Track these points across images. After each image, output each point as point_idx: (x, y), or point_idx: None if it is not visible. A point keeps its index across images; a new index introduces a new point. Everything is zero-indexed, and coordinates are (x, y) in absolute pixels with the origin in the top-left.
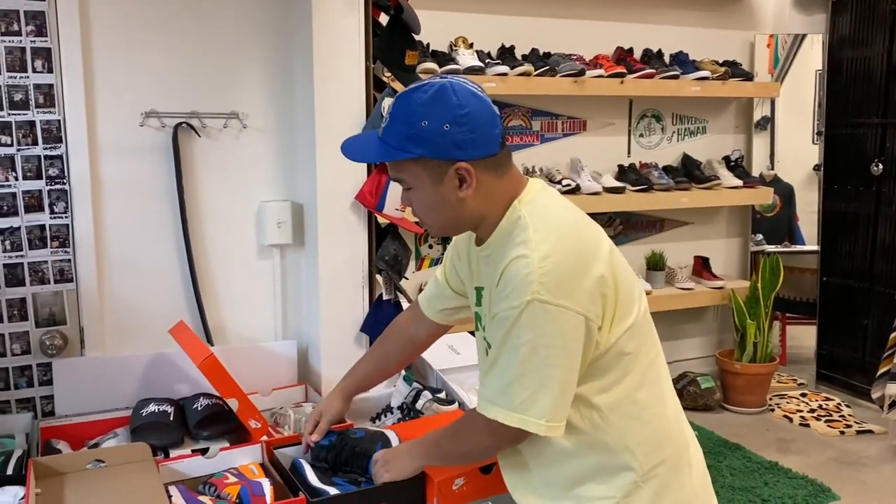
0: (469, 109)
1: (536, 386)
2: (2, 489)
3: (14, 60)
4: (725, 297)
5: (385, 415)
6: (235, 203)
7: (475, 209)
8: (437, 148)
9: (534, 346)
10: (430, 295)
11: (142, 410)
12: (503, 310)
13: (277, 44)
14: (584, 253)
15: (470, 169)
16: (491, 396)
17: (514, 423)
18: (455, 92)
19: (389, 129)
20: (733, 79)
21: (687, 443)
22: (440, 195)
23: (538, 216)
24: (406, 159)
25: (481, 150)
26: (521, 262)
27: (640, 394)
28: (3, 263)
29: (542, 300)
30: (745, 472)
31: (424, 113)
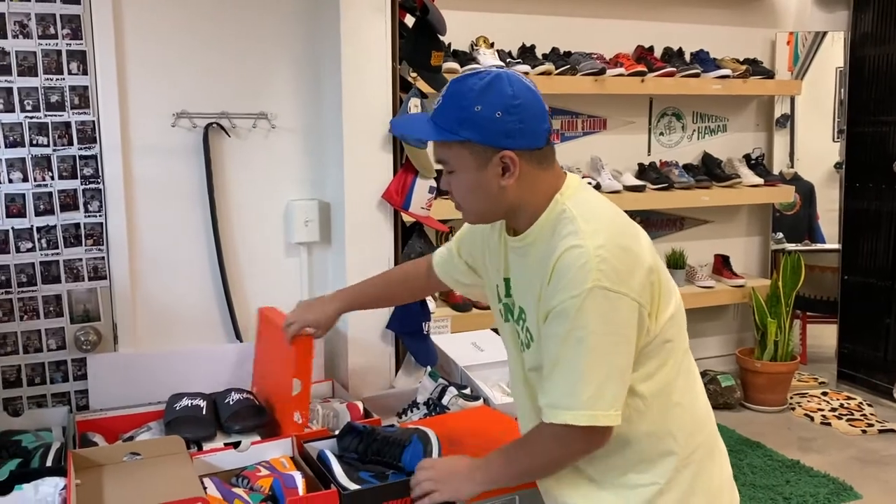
0: (522, 101)
1: (603, 377)
2: (43, 480)
3: (50, 63)
4: (746, 295)
5: (411, 410)
6: (264, 202)
7: (514, 198)
8: (486, 133)
9: (599, 334)
10: (443, 260)
11: (175, 405)
12: (562, 301)
13: (306, 45)
14: (632, 243)
15: (515, 158)
16: (557, 400)
17: (584, 422)
18: (510, 82)
19: (441, 111)
20: (754, 77)
21: (716, 431)
22: (482, 181)
23: (584, 208)
24: (454, 142)
25: (528, 142)
26: (575, 251)
27: (679, 380)
28: (39, 261)
29: (602, 287)
30: (766, 471)
31: (478, 98)
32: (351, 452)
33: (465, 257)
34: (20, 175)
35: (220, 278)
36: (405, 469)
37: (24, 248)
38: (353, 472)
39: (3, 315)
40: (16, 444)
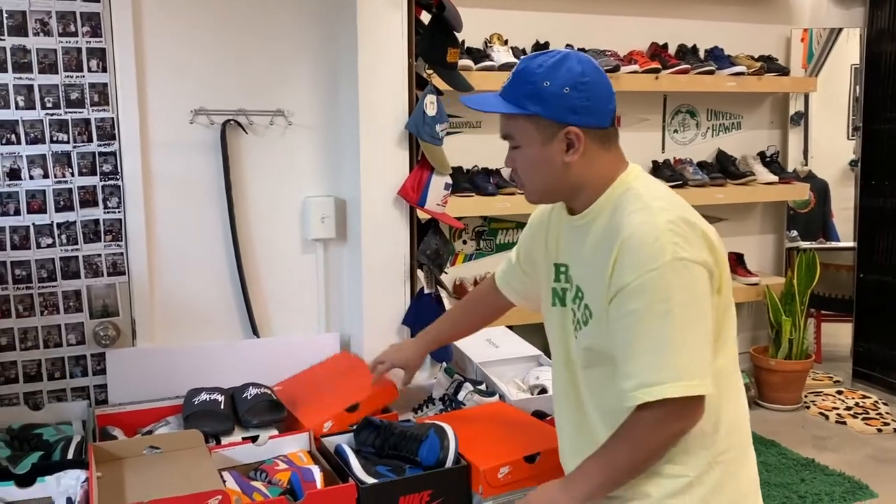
0: (589, 79)
1: (693, 345)
2: (65, 472)
3: (71, 60)
4: (760, 293)
5: (427, 406)
6: (281, 198)
7: (577, 176)
8: (553, 108)
9: (683, 304)
10: (503, 272)
11: (194, 399)
12: (638, 276)
13: (322, 43)
14: (697, 219)
15: (580, 134)
16: (648, 377)
17: (684, 393)
18: (579, 61)
19: (509, 87)
20: (769, 74)
21: (750, 436)
22: (546, 156)
23: (648, 188)
24: (521, 116)
25: (594, 120)
26: (646, 227)
27: (734, 374)
28: (59, 256)
29: (681, 258)
30: (780, 469)
31: (547, 74)
32: (368, 447)
33: (523, 263)
34: (41, 171)
35: (237, 274)
36: (422, 463)
37: (44, 243)
38: (370, 467)
39: (24, 310)
40: (37, 438)
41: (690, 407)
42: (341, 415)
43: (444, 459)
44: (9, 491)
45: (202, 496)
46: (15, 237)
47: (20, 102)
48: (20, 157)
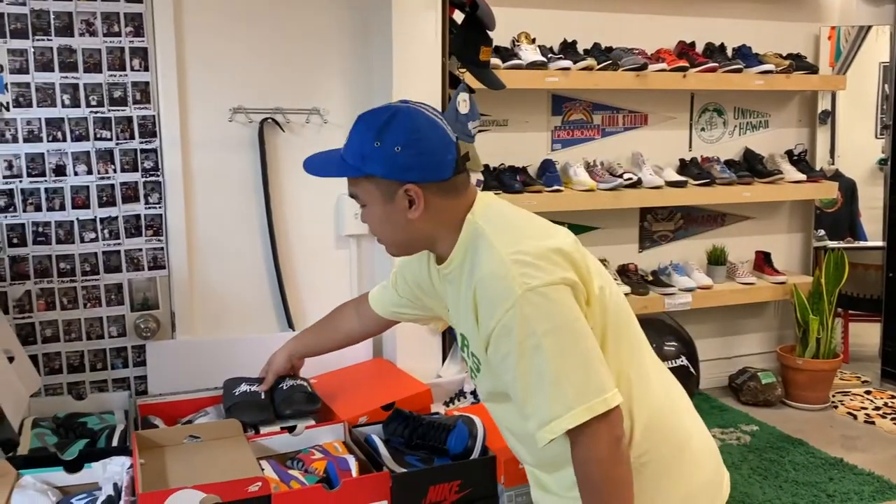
0: (420, 135)
1: (579, 369)
2: (111, 459)
3: (114, 60)
4: (787, 292)
5: (458, 399)
6: (316, 195)
7: (425, 230)
8: (387, 168)
9: (551, 333)
10: (380, 296)
11: (234, 390)
12: (499, 318)
13: (357, 43)
14: (543, 234)
15: (418, 191)
16: (547, 414)
17: (585, 417)
18: (411, 117)
19: (348, 147)
20: (798, 72)
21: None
22: (390, 214)
23: (493, 222)
24: (361, 177)
25: (430, 174)
26: (493, 266)
27: (640, 374)
28: (102, 251)
29: (532, 287)
30: (808, 468)
31: (378, 134)
32: (397, 437)
33: (402, 293)
34: (85, 168)
35: (273, 268)
36: (450, 452)
37: (87, 238)
38: (399, 457)
39: (68, 303)
40: (82, 426)
41: (603, 422)
42: (377, 411)
43: (472, 448)
44: (57, 476)
45: (243, 482)
46: (60, 231)
47: (66, 101)
48: (66, 153)
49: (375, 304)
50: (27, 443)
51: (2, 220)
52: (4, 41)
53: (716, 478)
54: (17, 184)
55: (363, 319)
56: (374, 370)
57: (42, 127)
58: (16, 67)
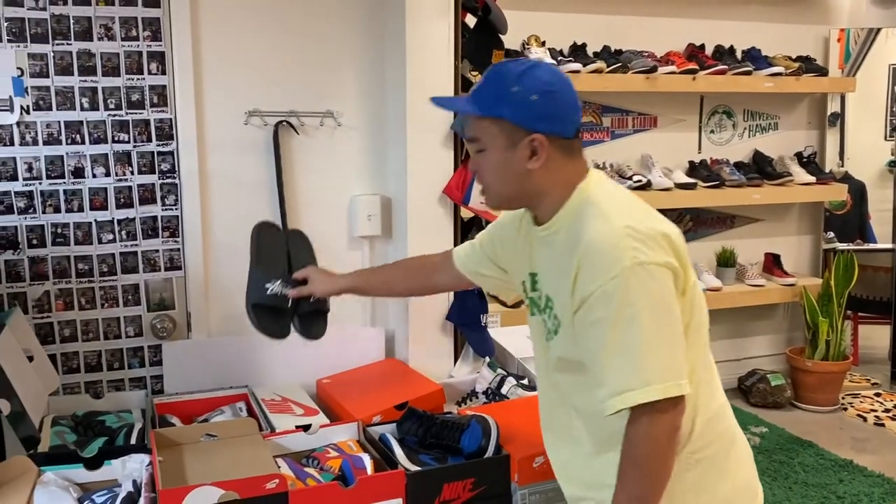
0: (557, 89)
1: (665, 348)
2: (130, 456)
3: (132, 63)
4: (797, 294)
5: (470, 399)
6: (329, 196)
7: (539, 184)
8: (520, 114)
9: (649, 308)
10: (466, 253)
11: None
12: (601, 285)
13: (371, 47)
14: (654, 217)
15: (544, 142)
16: (623, 384)
17: (657, 396)
18: (549, 71)
19: (479, 91)
20: (807, 74)
21: (734, 436)
22: (510, 161)
23: (607, 195)
24: (488, 119)
25: (559, 128)
26: (604, 234)
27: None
28: (119, 252)
29: (641, 262)
30: (818, 469)
31: (517, 80)
32: (411, 436)
33: (487, 251)
34: (103, 170)
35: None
36: (464, 451)
37: (105, 239)
38: (413, 455)
39: (86, 303)
40: (100, 424)
41: (671, 407)
42: (390, 410)
43: (486, 447)
44: (78, 473)
45: (261, 479)
46: (78, 233)
47: (85, 104)
48: (84, 156)
49: (459, 260)
50: (47, 440)
51: (22, 221)
52: (25, 45)
53: (754, 482)
54: (36, 185)
55: (444, 274)
56: (386, 370)
57: (61, 130)
58: (36, 71)
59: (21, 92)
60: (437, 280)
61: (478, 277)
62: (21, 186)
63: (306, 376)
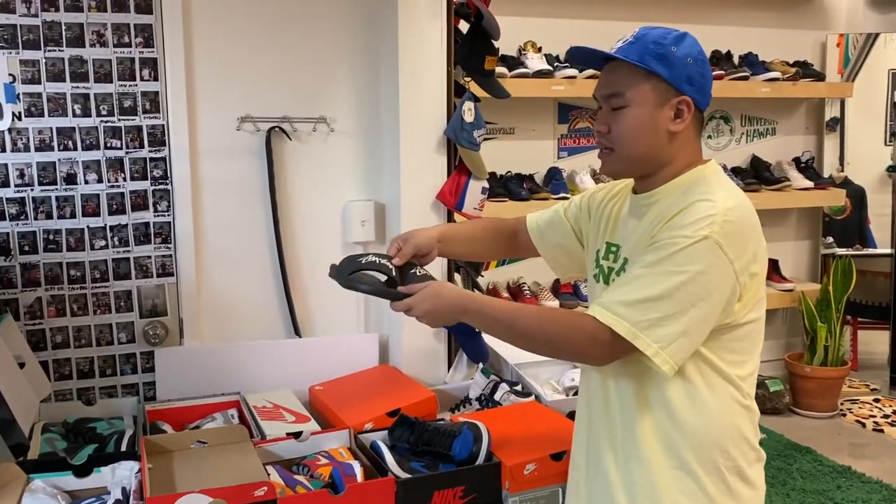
0: (705, 59)
1: (673, 313)
2: (119, 464)
3: (124, 70)
4: (795, 299)
5: (464, 405)
6: (322, 202)
7: (672, 149)
8: (675, 74)
9: (691, 279)
10: (542, 220)
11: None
12: (674, 236)
13: (364, 52)
14: (756, 225)
15: (691, 105)
16: (612, 305)
17: (624, 332)
18: (696, 42)
19: (631, 46)
20: (804, 79)
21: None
22: (655, 119)
23: (722, 181)
24: (640, 74)
25: (704, 96)
26: (706, 203)
27: (747, 384)
28: (111, 258)
29: (718, 241)
30: (816, 476)
31: (675, 42)
32: (402, 443)
33: (570, 214)
34: (95, 176)
35: (280, 275)
36: (455, 458)
37: (98, 245)
38: (404, 463)
39: (79, 309)
40: (91, 431)
41: (621, 350)
42: (382, 417)
43: (477, 454)
44: (67, 481)
45: (249, 487)
46: (70, 239)
47: (77, 110)
48: (76, 162)
49: (533, 227)
50: (37, 447)
51: (13, 227)
52: (17, 52)
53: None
54: (28, 192)
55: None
56: (379, 377)
57: (53, 136)
58: (28, 78)
59: (13, 98)
60: (513, 245)
61: (544, 242)
62: (13, 193)
63: (299, 383)
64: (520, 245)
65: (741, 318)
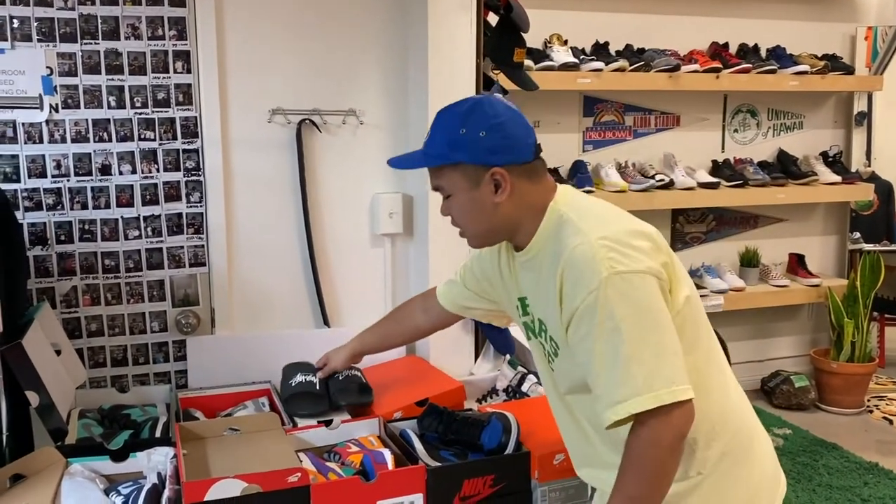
0: (503, 119)
1: (651, 356)
2: (154, 449)
3: (158, 62)
4: (821, 295)
5: (491, 396)
6: (351, 194)
7: (511, 215)
8: (474, 153)
9: (631, 317)
10: (448, 291)
11: (290, 381)
12: (583, 298)
13: (393, 45)
14: (630, 223)
15: (504, 174)
16: (614, 395)
17: (650, 405)
18: (490, 104)
19: (431, 141)
20: (833, 73)
21: (755, 428)
22: (477, 200)
23: (578, 210)
24: (446, 166)
25: (515, 157)
26: (580, 248)
27: (711, 365)
28: (145, 248)
29: (616, 272)
30: (843, 472)
31: (462, 122)
32: (431, 432)
33: (471, 286)
34: (129, 167)
35: (309, 266)
36: (483, 447)
37: (131, 235)
38: (434, 451)
39: (112, 298)
40: (126, 417)
41: (674, 413)
42: (411, 407)
43: (506, 444)
44: (104, 465)
45: (283, 473)
46: (105, 229)
47: (112, 102)
48: (111, 153)
49: (443, 299)
50: (74, 433)
51: (50, 217)
52: (54, 45)
53: (776, 472)
54: (65, 182)
55: (430, 315)
56: (407, 367)
57: (89, 128)
58: (65, 70)
59: (50, 90)
60: (426, 321)
61: (466, 311)
62: (50, 183)
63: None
64: (435, 317)
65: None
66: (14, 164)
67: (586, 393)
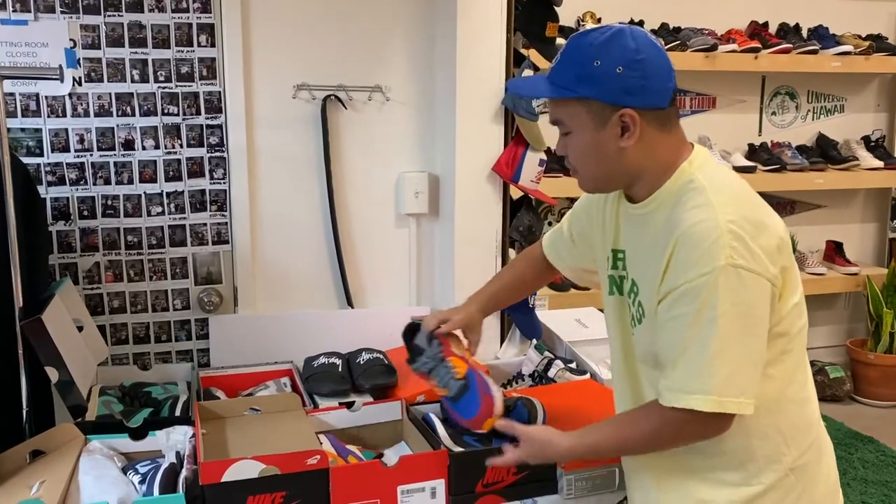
0: (645, 56)
1: (736, 360)
2: (174, 428)
3: (182, 36)
4: (859, 283)
5: (516, 381)
6: (376, 172)
7: (634, 163)
8: (605, 90)
9: (733, 315)
10: (552, 240)
11: (313, 362)
12: (690, 279)
13: (420, 19)
14: (765, 218)
15: (635, 117)
16: (683, 384)
17: (711, 408)
18: (633, 36)
19: (558, 69)
20: (878, 53)
21: (825, 432)
22: (600, 142)
23: (713, 180)
24: (571, 99)
25: (651, 100)
26: (705, 225)
27: (798, 375)
28: (168, 225)
29: (735, 264)
30: (878, 466)
31: (598, 53)
32: None
33: (574, 234)
34: (152, 142)
35: (333, 245)
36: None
37: (154, 212)
38: (456, 436)
39: (135, 275)
40: (146, 395)
41: (717, 422)
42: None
43: None
44: (123, 443)
45: (302, 455)
46: (128, 205)
47: (135, 76)
48: (134, 128)
49: (548, 249)
50: (95, 409)
51: (73, 192)
52: (78, 17)
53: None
54: (88, 157)
55: (543, 265)
56: None
57: (112, 101)
58: (88, 43)
59: (73, 63)
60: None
61: (563, 266)
62: (73, 158)
63: None
64: (549, 272)
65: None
66: (37, 137)
67: (656, 368)
